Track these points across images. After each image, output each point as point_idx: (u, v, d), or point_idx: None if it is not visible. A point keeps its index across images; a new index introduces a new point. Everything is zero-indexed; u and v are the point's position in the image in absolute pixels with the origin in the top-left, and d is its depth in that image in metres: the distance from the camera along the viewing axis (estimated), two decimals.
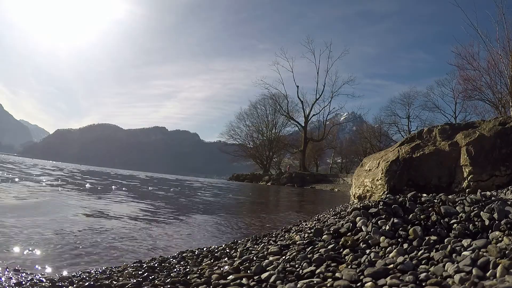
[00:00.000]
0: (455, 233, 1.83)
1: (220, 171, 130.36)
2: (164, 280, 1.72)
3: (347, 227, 2.16)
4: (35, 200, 4.94)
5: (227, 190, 14.16)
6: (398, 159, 4.93)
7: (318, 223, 3.24)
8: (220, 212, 5.73)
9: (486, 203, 2.14)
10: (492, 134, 4.64)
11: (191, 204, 6.80)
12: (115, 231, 3.23)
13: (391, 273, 1.42)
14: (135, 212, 4.63)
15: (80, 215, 3.97)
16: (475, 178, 4.41)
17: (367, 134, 40.52)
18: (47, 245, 2.51)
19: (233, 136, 45.20)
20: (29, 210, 3.93)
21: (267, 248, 2.19)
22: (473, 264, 1.34)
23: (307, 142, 38.05)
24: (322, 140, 41.11)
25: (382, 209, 2.25)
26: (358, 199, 5.40)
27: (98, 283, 1.72)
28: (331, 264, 1.67)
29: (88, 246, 2.60)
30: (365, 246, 1.87)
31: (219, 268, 1.87)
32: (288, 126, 43.91)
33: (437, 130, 5.32)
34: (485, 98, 20.73)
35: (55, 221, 3.40)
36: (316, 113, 39.20)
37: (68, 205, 4.73)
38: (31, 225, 3.11)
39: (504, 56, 16.64)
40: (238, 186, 19.79)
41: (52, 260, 2.19)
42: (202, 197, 8.75)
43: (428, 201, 2.37)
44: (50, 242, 2.59)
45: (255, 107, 44.13)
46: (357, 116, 49.00)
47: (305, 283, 1.44)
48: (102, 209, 4.60)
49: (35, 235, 2.73)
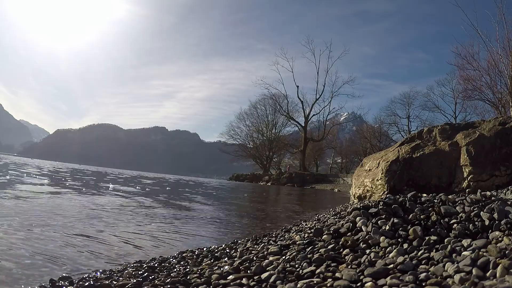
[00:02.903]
0: (455, 233, 1.83)
1: (220, 171, 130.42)
2: (164, 280, 1.72)
3: (347, 227, 2.16)
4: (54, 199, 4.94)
5: (227, 190, 14.16)
6: (398, 159, 4.93)
7: (318, 223, 3.24)
8: (220, 212, 5.73)
9: (486, 203, 2.14)
10: (492, 134, 4.64)
11: (191, 204, 6.80)
12: (115, 231, 3.23)
13: (391, 273, 1.42)
14: (135, 212, 4.63)
15: (79, 215, 3.97)
16: (475, 178, 4.41)
17: (367, 134, 40.53)
18: (47, 245, 2.51)
19: (233, 136, 45.27)
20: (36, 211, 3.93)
21: (267, 248, 2.19)
22: (473, 264, 1.34)
23: (307, 142, 38.05)
24: (322, 140, 41.12)
25: (382, 209, 2.25)
26: (358, 199, 5.40)
27: (98, 283, 1.72)
28: (331, 264, 1.67)
29: (87, 246, 2.60)
30: (365, 246, 1.87)
31: (219, 268, 1.87)
32: (288, 126, 43.98)
33: (437, 130, 5.32)
34: (485, 98, 20.74)
35: (57, 221, 3.40)
36: (316, 113, 39.25)
37: (72, 204, 4.74)
38: (32, 225, 3.11)
39: (504, 56, 16.66)
40: (238, 186, 19.79)
41: (52, 260, 2.18)
42: (202, 197, 8.75)
43: (428, 201, 2.37)
44: (50, 241, 2.59)
45: (255, 107, 44.20)
46: (357, 116, 49.02)
47: (305, 283, 1.44)
48: (101, 208, 4.59)
49: (34, 235, 2.73)
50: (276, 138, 43.50)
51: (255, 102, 43.95)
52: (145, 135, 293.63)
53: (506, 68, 16.72)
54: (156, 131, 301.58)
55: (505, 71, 16.89)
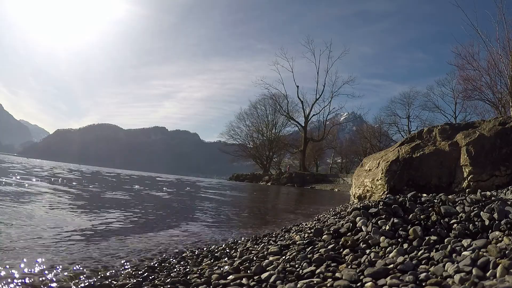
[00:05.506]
0: (455, 233, 1.83)
1: (220, 171, 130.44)
2: (164, 280, 1.72)
3: (347, 227, 2.16)
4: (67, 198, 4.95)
5: (227, 190, 14.16)
6: (398, 159, 4.93)
7: (318, 223, 3.24)
8: (220, 212, 5.73)
9: (486, 203, 2.14)
10: (492, 134, 4.64)
11: (190, 204, 6.80)
12: (115, 231, 3.23)
13: (391, 273, 1.42)
14: (134, 212, 4.63)
15: (78, 215, 3.98)
16: (475, 178, 4.41)
17: (367, 134, 40.55)
18: (47, 244, 2.51)
19: (233, 136, 45.29)
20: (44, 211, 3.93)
21: (267, 248, 2.19)
22: (473, 264, 1.34)
23: (307, 142, 38.06)
24: (322, 140, 41.13)
25: (382, 209, 2.25)
26: (358, 199, 5.40)
27: (98, 283, 1.72)
28: (331, 264, 1.67)
29: (87, 246, 2.60)
30: (365, 246, 1.87)
31: (219, 268, 1.87)
32: (288, 126, 44.00)
33: (437, 130, 5.32)
34: (485, 98, 20.76)
35: (58, 220, 3.40)
36: (316, 113, 39.26)
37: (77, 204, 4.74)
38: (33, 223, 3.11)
39: (504, 56, 16.66)
40: (238, 186, 19.79)
41: (52, 260, 2.18)
42: (202, 197, 8.75)
43: (428, 201, 2.37)
44: (49, 241, 2.59)
45: (255, 107, 44.21)
46: (357, 116, 49.03)
47: (305, 283, 1.44)
48: (101, 210, 4.60)
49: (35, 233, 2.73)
50: (276, 138, 43.50)
51: (255, 102, 44.02)
52: (145, 135, 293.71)
53: (506, 68, 16.73)
54: (156, 131, 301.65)
55: (505, 71, 16.90)
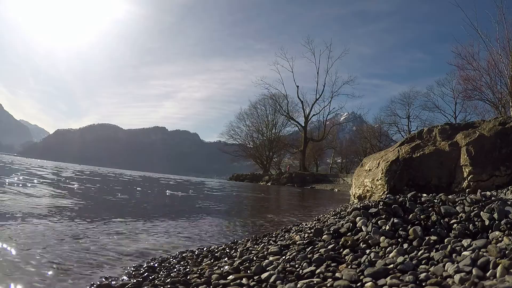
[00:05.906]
0: (455, 233, 1.83)
1: (220, 171, 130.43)
2: (164, 280, 1.72)
3: (347, 227, 2.17)
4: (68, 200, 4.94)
5: (227, 190, 14.16)
6: (398, 159, 4.93)
7: (318, 223, 3.24)
8: (219, 212, 5.73)
9: (486, 203, 2.14)
10: (492, 134, 4.64)
11: (190, 204, 6.80)
12: (115, 231, 3.23)
13: (391, 273, 1.43)
14: (134, 212, 4.63)
15: (78, 215, 3.98)
16: (475, 178, 4.41)
17: (367, 134, 40.51)
18: (47, 244, 2.51)
19: (233, 136, 45.22)
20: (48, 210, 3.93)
21: (267, 248, 2.19)
22: (473, 264, 1.34)
23: (307, 142, 38.03)
24: (322, 140, 41.08)
25: (382, 209, 2.25)
26: (358, 199, 5.40)
27: (98, 283, 1.72)
28: (331, 264, 1.67)
29: (87, 246, 2.60)
30: (365, 246, 1.88)
31: (219, 268, 1.87)
32: (288, 126, 43.92)
33: (437, 130, 5.32)
34: (485, 98, 20.73)
35: (60, 220, 3.40)
36: (316, 113, 39.19)
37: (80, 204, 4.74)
38: (33, 223, 3.11)
39: (504, 56, 16.66)
40: (238, 186, 19.78)
41: (52, 261, 2.18)
42: (202, 197, 8.75)
43: (428, 201, 2.37)
44: (50, 240, 2.59)
45: (255, 107, 44.14)
46: (357, 116, 48.95)
47: (305, 283, 1.44)
48: (101, 210, 4.60)
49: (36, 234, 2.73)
50: (276, 138, 43.46)
51: (255, 102, 43.93)
52: (145, 135, 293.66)
53: (506, 68, 16.73)
54: (156, 131, 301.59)
55: (505, 71, 16.89)
